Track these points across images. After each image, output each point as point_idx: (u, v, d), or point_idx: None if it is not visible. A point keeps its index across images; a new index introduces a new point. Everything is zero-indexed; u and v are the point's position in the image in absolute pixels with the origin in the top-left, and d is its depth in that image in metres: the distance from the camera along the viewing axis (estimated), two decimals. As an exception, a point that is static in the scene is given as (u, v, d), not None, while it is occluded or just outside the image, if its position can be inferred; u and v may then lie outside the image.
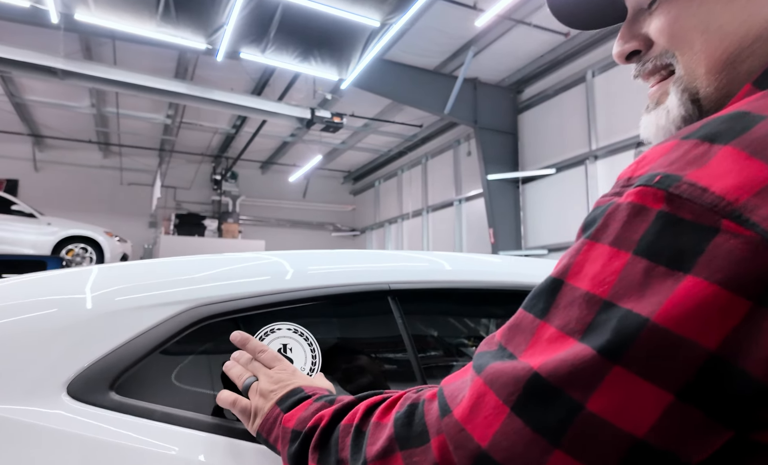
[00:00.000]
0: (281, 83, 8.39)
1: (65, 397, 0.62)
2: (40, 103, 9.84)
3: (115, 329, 0.67)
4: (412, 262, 1.00)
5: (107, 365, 0.64)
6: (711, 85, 0.41)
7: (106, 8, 4.77)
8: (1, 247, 7.63)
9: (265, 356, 0.64)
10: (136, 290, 0.74)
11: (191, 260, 0.86)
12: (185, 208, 13.06)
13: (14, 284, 0.77)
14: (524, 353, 0.34)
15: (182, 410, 0.66)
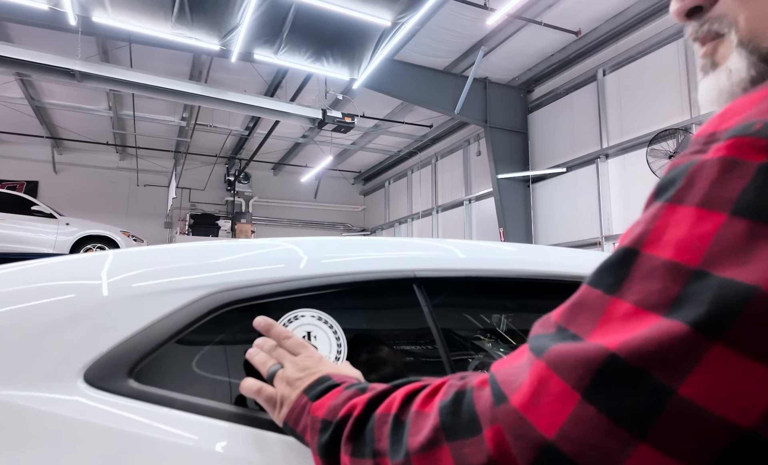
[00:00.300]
0: (293, 85, 8.49)
1: (82, 384, 0.60)
2: (60, 106, 10.11)
3: (133, 315, 0.66)
4: (438, 249, 0.96)
5: (125, 352, 0.62)
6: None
7: (123, 10, 4.91)
8: (21, 246, 7.84)
9: (291, 343, 0.61)
10: (153, 275, 0.73)
11: (210, 245, 0.84)
12: (199, 208, 13.27)
13: (30, 268, 0.75)
14: (593, 333, 0.30)
15: (203, 399, 0.63)
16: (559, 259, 1.00)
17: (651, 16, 6.94)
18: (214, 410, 0.62)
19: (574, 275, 0.91)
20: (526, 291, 0.99)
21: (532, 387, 0.31)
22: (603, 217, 7.69)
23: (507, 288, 0.96)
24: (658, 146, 6.56)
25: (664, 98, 6.91)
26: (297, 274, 0.77)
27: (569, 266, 0.95)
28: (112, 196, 12.69)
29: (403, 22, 5.24)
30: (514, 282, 0.92)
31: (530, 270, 0.92)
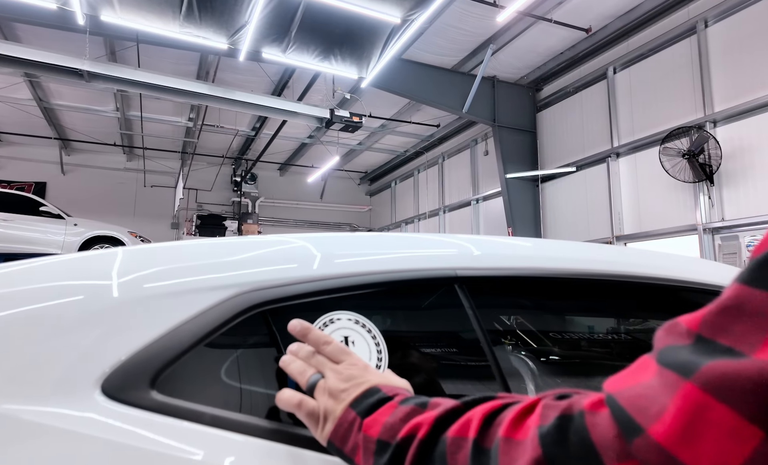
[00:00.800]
0: (300, 85, 8.47)
1: (99, 396, 0.53)
2: (68, 107, 10.14)
3: (154, 317, 0.58)
4: (480, 246, 0.87)
5: (147, 358, 0.55)
6: None
7: (131, 9, 4.89)
8: (30, 246, 7.86)
9: (331, 349, 0.53)
10: (174, 273, 0.65)
11: (233, 241, 0.77)
12: (206, 209, 13.28)
13: (36, 267, 0.67)
14: (763, 348, 0.24)
15: (234, 412, 0.56)
16: (618, 257, 0.90)
17: (663, 13, 6.84)
18: (247, 426, 0.55)
19: (646, 276, 0.83)
20: (585, 291, 0.89)
21: (684, 417, 0.24)
22: (614, 217, 7.59)
23: (564, 288, 0.86)
24: (671, 144, 6.46)
25: (676, 96, 6.80)
26: (331, 272, 0.70)
27: (637, 266, 0.86)
28: (119, 196, 12.74)
29: (413, 18, 5.18)
30: (576, 281, 0.82)
31: (590, 269, 0.83)
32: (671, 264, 0.89)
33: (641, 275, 0.83)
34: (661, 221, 6.91)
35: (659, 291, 0.84)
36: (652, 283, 0.83)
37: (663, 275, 0.84)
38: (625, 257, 0.88)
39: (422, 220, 12.90)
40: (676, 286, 0.84)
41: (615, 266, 0.85)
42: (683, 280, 0.85)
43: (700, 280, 0.86)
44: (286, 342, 0.57)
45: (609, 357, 0.99)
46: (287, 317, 0.58)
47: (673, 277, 0.84)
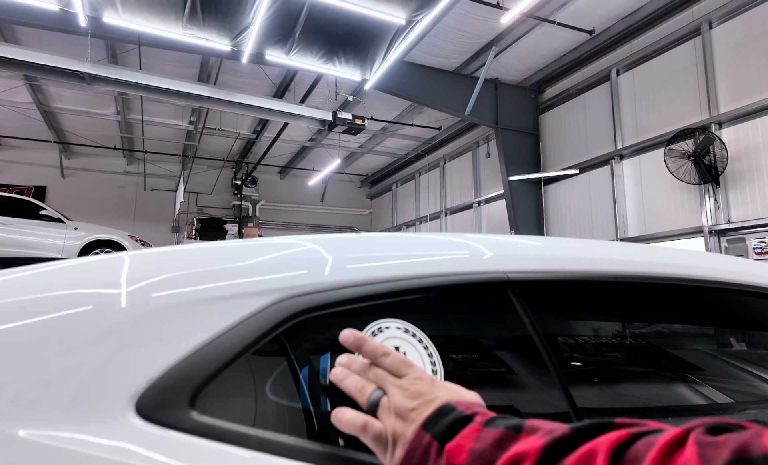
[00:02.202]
0: (302, 87, 8.43)
1: (134, 417, 0.47)
2: (68, 110, 10.09)
3: (194, 326, 0.52)
4: (532, 248, 0.81)
5: (185, 373, 0.49)
6: None
7: (134, 10, 4.85)
8: (30, 251, 7.80)
9: (391, 361, 0.47)
10: (215, 276, 0.59)
11: (275, 243, 0.70)
12: (207, 212, 13.23)
13: (55, 270, 0.61)
14: None
15: (284, 435, 0.50)
16: (689, 261, 0.84)
17: (667, 14, 6.83)
18: (300, 450, 0.49)
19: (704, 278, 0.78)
20: (654, 297, 0.83)
21: None
22: (618, 220, 7.55)
23: (632, 292, 0.80)
24: (676, 146, 6.43)
25: (681, 97, 6.78)
26: (379, 275, 0.64)
27: (694, 268, 0.81)
28: (120, 200, 12.68)
29: (417, 20, 5.15)
30: (639, 285, 0.77)
31: (656, 272, 0.77)
32: (724, 265, 0.83)
33: (699, 278, 0.78)
34: (666, 223, 6.87)
35: (719, 293, 0.79)
36: (710, 286, 0.78)
37: (720, 278, 0.78)
38: (681, 259, 0.82)
39: (423, 223, 12.85)
40: (732, 289, 0.78)
41: (675, 269, 0.79)
42: (736, 281, 0.80)
43: (751, 282, 0.81)
44: (336, 353, 0.51)
45: (676, 367, 0.93)
46: (334, 324, 0.52)
47: (728, 280, 0.79)
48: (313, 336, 0.60)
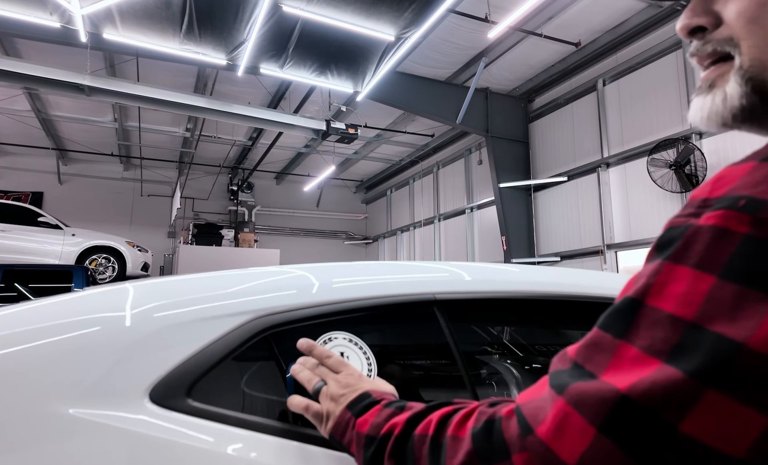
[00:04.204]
0: (297, 96, 8.61)
1: (148, 403, 0.65)
2: (66, 118, 10.23)
3: (187, 339, 0.72)
4: (455, 273, 1.02)
5: (183, 373, 0.69)
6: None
7: (132, 27, 5.01)
8: (28, 257, 7.91)
9: (332, 361, 0.66)
10: (204, 301, 0.79)
11: (245, 273, 0.92)
12: (203, 218, 13.35)
13: (98, 294, 0.82)
14: (605, 373, 0.34)
15: (253, 416, 0.69)
16: (572, 280, 1.06)
17: (650, 28, 7.05)
18: (264, 426, 0.68)
19: (582, 295, 0.98)
20: (542, 311, 1.04)
21: (555, 421, 0.36)
22: (605, 226, 7.76)
23: (524, 308, 1.01)
24: (658, 155, 6.64)
25: (664, 108, 7.00)
26: (328, 298, 0.83)
27: (579, 287, 1.01)
28: (116, 206, 12.79)
29: (406, 37, 5.34)
30: (530, 302, 0.98)
31: (545, 291, 0.98)
32: (590, 282, 1.03)
33: (573, 294, 0.98)
34: (650, 230, 7.08)
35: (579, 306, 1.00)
36: (579, 301, 0.98)
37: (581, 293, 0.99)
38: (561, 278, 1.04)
39: (417, 228, 13.04)
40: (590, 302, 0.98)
41: (571, 288, 0.99)
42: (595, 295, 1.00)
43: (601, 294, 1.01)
44: (291, 358, 0.71)
45: None
46: (292, 337, 0.71)
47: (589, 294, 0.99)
48: (277, 345, 0.79)
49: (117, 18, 4.81)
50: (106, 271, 8.63)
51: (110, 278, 8.61)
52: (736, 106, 0.39)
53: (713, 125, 0.42)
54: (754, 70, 0.38)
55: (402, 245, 13.85)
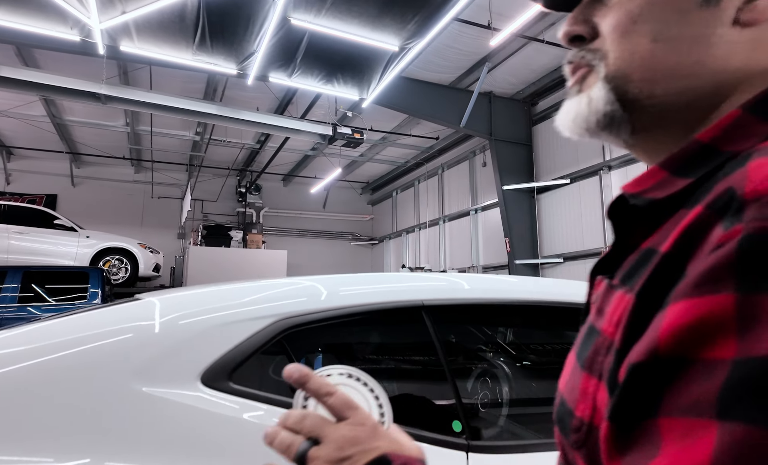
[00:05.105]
0: (304, 101, 8.81)
1: (200, 384, 0.87)
2: (79, 122, 10.52)
3: (228, 336, 0.92)
4: (440, 281, 1.21)
5: (225, 362, 0.88)
6: (643, 92, 0.38)
7: (148, 39, 5.24)
8: (44, 259, 8.18)
9: (335, 401, 0.44)
10: (236, 307, 0.99)
11: (271, 283, 1.12)
12: (212, 219, 13.61)
13: (162, 300, 1.02)
14: None
15: (277, 395, 0.88)
16: (543, 288, 1.24)
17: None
18: (286, 403, 0.87)
19: (558, 302, 1.16)
20: (514, 315, 1.22)
21: None
22: (606, 227, 7.88)
23: (498, 313, 1.20)
24: (658, 159, 6.76)
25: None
26: (337, 303, 1.03)
27: (554, 294, 1.19)
28: (127, 208, 13.08)
29: (410, 47, 5.52)
30: (504, 307, 1.16)
31: (517, 298, 1.16)
32: (557, 290, 1.22)
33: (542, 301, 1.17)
34: (650, 232, 7.19)
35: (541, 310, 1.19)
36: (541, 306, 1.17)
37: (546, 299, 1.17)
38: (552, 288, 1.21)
39: (422, 229, 13.20)
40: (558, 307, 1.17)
41: (546, 296, 1.18)
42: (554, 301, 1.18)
43: None
44: (305, 352, 0.89)
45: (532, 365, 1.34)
46: (306, 336, 0.88)
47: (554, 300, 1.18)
48: (294, 342, 0.98)
49: (133, 31, 5.03)
50: (119, 272, 8.89)
51: (123, 279, 8.86)
52: (600, 111, 0.40)
53: (577, 130, 0.43)
54: (618, 80, 0.39)
55: (407, 246, 14.02)
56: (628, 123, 0.40)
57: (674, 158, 0.36)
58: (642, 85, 0.38)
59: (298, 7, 4.82)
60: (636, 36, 0.38)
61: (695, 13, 0.37)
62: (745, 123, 0.34)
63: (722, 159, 0.33)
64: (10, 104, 9.35)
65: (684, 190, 0.34)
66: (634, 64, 0.38)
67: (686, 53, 0.37)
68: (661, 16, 0.38)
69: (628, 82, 0.39)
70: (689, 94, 0.37)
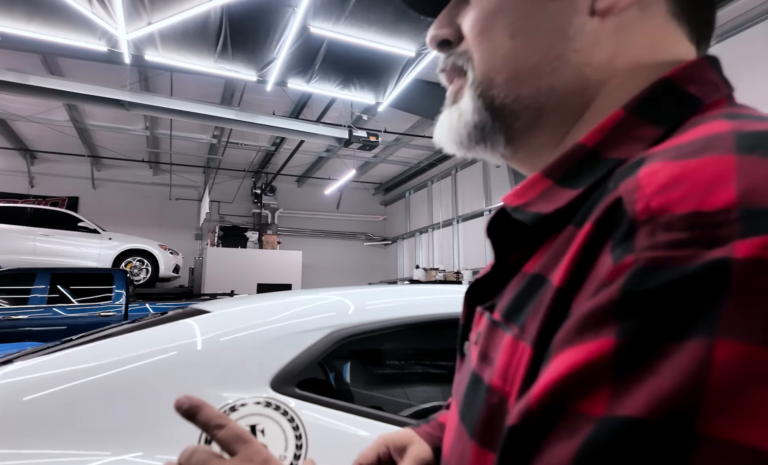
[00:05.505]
0: (320, 104, 8.93)
1: (269, 389, 0.97)
2: (100, 127, 10.78)
3: (292, 346, 1.03)
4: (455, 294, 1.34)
5: (291, 369, 1.00)
6: (509, 95, 0.36)
7: (172, 48, 5.40)
8: (68, 260, 8.43)
9: (224, 434, 0.38)
10: (294, 317, 1.12)
11: (321, 296, 1.24)
12: (228, 220, 13.83)
13: (242, 311, 1.17)
14: None
15: (335, 399, 0.99)
16: None
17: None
18: (343, 406, 1.00)
19: None
20: None
21: None
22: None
23: None
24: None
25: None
26: (382, 317, 1.14)
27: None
28: (146, 209, 13.36)
29: (426, 52, 5.61)
30: None
31: None
32: None
33: None
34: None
35: None
36: None
37: None
38: None
39: (436, 229, 13.26)
40: None
41: None
42: None
43: None
44: (356, 360, 1.00)
45: None
46: (356, 345, 0.98)
47: None
48: (345, 351, 1.09)
49: (158, 40, 5.19)
50: (140, 273, 9.11)
51: (144, 280, 9.08)
52: (469, 123, 0.38)
53: (452, 144, 0.40)
54: (484, 86, 0.37)
55: (421, 247, 14.09)
56: (500, 133, 0.37)
57: (557, 165, 0.33)
58: (507, 87, 0.36)
59: (317, 15, 4.94)
60: (494, 33, 0.36)
61: (549, 5, 0.34)
62: (628, 125, 0.31)
63: (609, 167, 0.29)
64: (35, 110, 9.63)
65: (572, 204, 0.30)
66: (497, 65, 0.36)
67: (547, 48, 0.34)
68: (516, 9, 0.35)
69: (493, 86, 0.36)
70: (557, 92, 0.34)
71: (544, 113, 0.35)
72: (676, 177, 0.23)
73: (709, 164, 0.23)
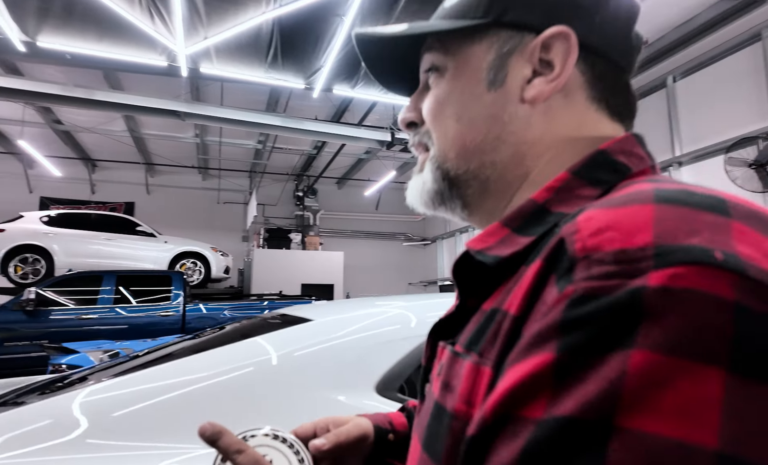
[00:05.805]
0: (361, 108, 9.06)
1: (374, 393, 1.03)
2: (154, 135, 11.39)
3: (392, 352, 1.10)
4: None
5: (393, 375, 1.06)
6: (460, 168, 0.42)
7: (226, 60, 5.65)
8: (128, 263, 8.95)
9: (243, 459, 0.44)
10: (390, 324, 1.17)
11: (413, 304, 1.29)
12: (272, 223, 14.26)
13: (338, 320, 1.23)
14: None
15: None
16: None
17: (724, 21, 6.79)
18: None
19: None
20: None
21: None
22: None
23: None
24: (736, 154, 6.41)
25: (741, 104, 6.72)
26: None
27: None
28: (196, 213, 13.97)
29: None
30: None
31: None
32: None
33: None
34: (726, 231, 6.82)
35: None
36: None
37: None
38: None
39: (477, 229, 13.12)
40: None
41: None
42: None
43: None
44: None
45: None
46: None
47: None
48: None
49: (213, 54, 5.45)
50: (194, 274, 9.56)
51: (197, 281, 9.51)
52: (431, 190, 0.44)
53: (421, 205, 0.47)
54: (440, 160, 0.43)
55: (461, 246, 13.99)
56: (457, 199, 0.44)
57: (513, 217, 0.38)
58: (458, 162, 0.42)
59: (364, 22, 5.04)
60: (444, 118, 0.43)
61: (486, 96, 0.41)
62: (572, 186, 0.36)
63: (557, 219, 0.34)
64: (96, 121, 10.29)
65: (526, 249, 0.34)
66: (448, 144, 0.43)
67: (486, 131, 0.41)
68: (460, 100, 0.42)
69: (447, 160, 0.43)
70: (498, 165, 0.41)
71: (490, 182, 0.42)
72: (607, 222, 0.28)
73: (633, 212, 0.28)
